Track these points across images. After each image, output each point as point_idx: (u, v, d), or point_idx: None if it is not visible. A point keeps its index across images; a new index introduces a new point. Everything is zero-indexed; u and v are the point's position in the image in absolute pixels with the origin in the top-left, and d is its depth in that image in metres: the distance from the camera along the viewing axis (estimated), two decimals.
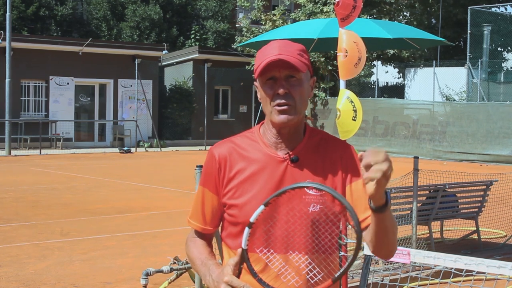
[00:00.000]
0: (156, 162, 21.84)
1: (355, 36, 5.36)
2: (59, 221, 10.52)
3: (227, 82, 31.63)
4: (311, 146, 2.29)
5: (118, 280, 7.09)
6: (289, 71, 2.20)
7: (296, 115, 2.21)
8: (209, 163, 2.32)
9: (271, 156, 2.26)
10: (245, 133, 2.36)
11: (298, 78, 2.21)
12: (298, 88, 2.21)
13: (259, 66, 2.21)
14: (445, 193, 8.28)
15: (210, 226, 2.34)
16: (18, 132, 25.79)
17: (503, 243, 9.04)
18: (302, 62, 2.20)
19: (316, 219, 2.19)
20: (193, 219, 2.37)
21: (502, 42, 29.17)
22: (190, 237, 2.39)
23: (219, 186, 2.29)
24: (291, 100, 2.20)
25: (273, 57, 2.18)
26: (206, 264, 2.23)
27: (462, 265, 3.71)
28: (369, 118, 25.93)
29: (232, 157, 2.28)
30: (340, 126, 5.42)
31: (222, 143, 2.34)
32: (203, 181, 2.34)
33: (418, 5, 33.32)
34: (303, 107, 2.24)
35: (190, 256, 2.34)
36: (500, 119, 23.21)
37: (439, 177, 8.68)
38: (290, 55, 2.19)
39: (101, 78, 28.32)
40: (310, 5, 27.92)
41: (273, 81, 2.21)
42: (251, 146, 2.30)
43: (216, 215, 2.33)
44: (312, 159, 2.27)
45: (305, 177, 2.22)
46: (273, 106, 2.21)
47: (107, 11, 35.94)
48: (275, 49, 2.21)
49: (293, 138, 2.27)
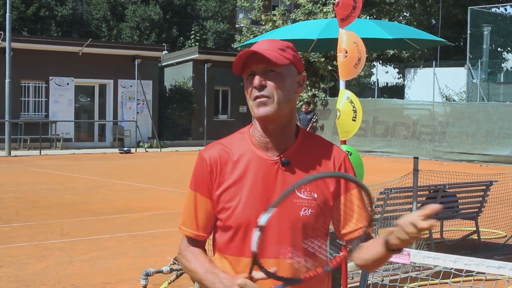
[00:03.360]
0: (156, 162, 21.84)
1: (355, 36, 5.37)
2: (59, 221, 10.52)
3: (227, 83, 31.63)
4: (304, 150, 2.25)
5: (118, 281, 7.09)
6: (265, 65, 2.15)
7: (277, 109, 2.16)
8: (200, 166, 2.26)
9: (262, 158, 2.21)
10: (235, 135, 2.31)
11: (277, 72, 2.16)
12: (276, 80, 2.16)
13: (234, 61, 2.19)
14: (445, 193, 8.28)
15: (204, 232, 2.27)
16: (18, 132, 25.79)
17: (503, 243, 9.04)
18: (281, 56, 2.16)
19: (307, 223, 2.17)
20: (186, 226, 2.29)
21: (502, 42, 29.17)
22: (184, 247, 2.30)
23: (212, 190, 2.23)
24: (269, 92, 2.15)
25: (248, 52, 2.15)
26: (212, 272, 2.15)
27: (462, 265, 3.71)
28: (369, 119, 25.93)
29: (222, 160, 2.23)
30: (340, 127, 5.42)
31: (212, 146, 2.29)
32: (195, 185, 2.27)
33: (418, 6, 33.31)
34: (286, 102, 2.17)
35: (189, 267, 2.25)
36: (500, 120, 23.21)
37: (439, 178, 8.69)
38: (267, 49, 2.15)
39: (101, 78, 28.32)
40: (310, 5, 27.92)
41: (253, 76, 2.18)
42: (241, 148, 2.24)
43: (210, 220, 2.26)
44: (305, 163, 2.22)
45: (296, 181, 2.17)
46: (252, 100, 2.17)
47: (107, 11, 35.94)
48: (255, 46, 2.19)
49: (283, 139, 2.23)
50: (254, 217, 2.13)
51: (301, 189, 2.17)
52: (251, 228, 2.12)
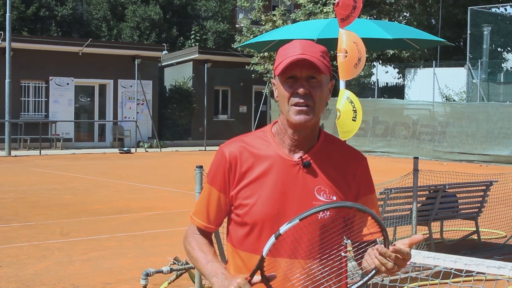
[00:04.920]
0: (156, 162, 21.84)
1: (355, 36, 5.37)
2: (59, 221, 10.52)
3: (227, 83, 31.62)
4: (325, 152, 2.26)
5: (118, 281, 7.09)
6: (311, 71, 2.16)
7: (314, 117, 2.18)
8: (219, 161, 2.27)
9: (283, 158, 2.22)
10: (256, 133, 2.32)
11: (319, 80, 2.18)
12: (318, 89, 2.17)
13: (281, 63, 2.17)
14: (445, 193, 8.28)
15: (214, 224, 2.31)
16: (18, 132, 25.79)
17: (503, 243, 9.03)
18: (324, 64, 2.17)
19: (326, 225, 2.17)
20: (197, 217, 2.33)
21: (502, 42, 29.16)
22: (191, 233, 2.35)
23: (228, 185, 2.25)
24: (311, 101, 2.16)
25: (297, 56, 2.15)
26: (213, 265, 2.18)
27: (462, 265, 3.71)
28: (369, 119, 25.92)
29: (243, 157, 2.24)
30: (340, 127, 5.42)
31: (233, 142, 2.30)
32: (211, 179, 2.29)
33: (418, 6, 33.30)
34: (321, 110, 2.20)
35: (192, 254, 2.29)
36: (500, 120, 23.20)
37: (439, 178, 8.68)
38: (313, 56, 2.16)
39: (101, 78, 28.31)
40: (310, 6, 27.92)
41: (293, 80, 2.18)
42: (262, 146, 2.25)
43: (220, 214, 2.29)
44: (325, 166, 2.23)
45: (317, 184, 2.20)
46: (291, 105, 2.17)
47: (107, 11, 35.95)
48: (298, 48, 2.18)
49: (307, 141, 2.24)
50: (270, 216, 2.16)
51: (320, 192, 2.20)
52: (266, 227, 2.16)
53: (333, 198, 2.20)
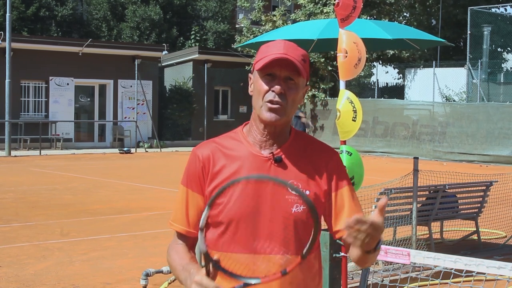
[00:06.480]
0: (156, 162, 21.84)
1: (355, 36, 5.36)
2: (59, 221, 10.52)
3: (227, 83, 31.63)
4: (296, 148, 2.28)
5: (118, 281, 7.09)
6: (290, 72, 2.19)
7: (285, 117, 2.21)
8: (193, 163, 2.30)
9: (255, 155, 2.25)
10: (228, 134, 2.35)
11: (296, 82, 2.21)
12: (294, 91, 2.21)
13: (263, 59, 2.19)
14: (445, 193, 8.28)
15: (194, 228, 2.28)
16: (18, 132, 25.79)
17: (503, 243, 9.04)
18: (303, 67, 2.20)
19: (299, 219, 2.19)
20: (177, 222, 2.31)
21: (502, 42, 29.16)
22: (171, 244, 2.34)
23: (204, 186, 2.27)
24: (284, 101, 2.19)
25: (280, 55, 2.17)
26: (187, 269, 2.18)
27: (462, 265, 3.71)
28: (369, 119, 25.92)
29: (215, 156, 2.26)
30: (340, 127, 5.42)
31: (205, 144, 2.33)
32: (186, 182, 2.31)
33: (418, 6, 33.31)
34: (292, 111, 2.23)
35: (171, 264, 2.28)
36: (500, 120, 23.21)
37: (439, 178, 8.69)
38: (295, 58, 2.18)
39: (101, 78, 28.32)
40: (310, 6, 27.92)
41: (271, 77, 2.20)
42: (234, 145, 2.28)
43: (200, 216, 2.23)
44: (297, 160, 2.26)
45: (289, 178, 2.21)
46: (265, 101, 2.20)
47: (107, 11, 35.94)
48: (281, 48, 2.20)
49: (278, 138, 2.26)
50: (245, 212, 2.18)
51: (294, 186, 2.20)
52: (242, 223, 2.18)
53: (306, 192, 2.21)
